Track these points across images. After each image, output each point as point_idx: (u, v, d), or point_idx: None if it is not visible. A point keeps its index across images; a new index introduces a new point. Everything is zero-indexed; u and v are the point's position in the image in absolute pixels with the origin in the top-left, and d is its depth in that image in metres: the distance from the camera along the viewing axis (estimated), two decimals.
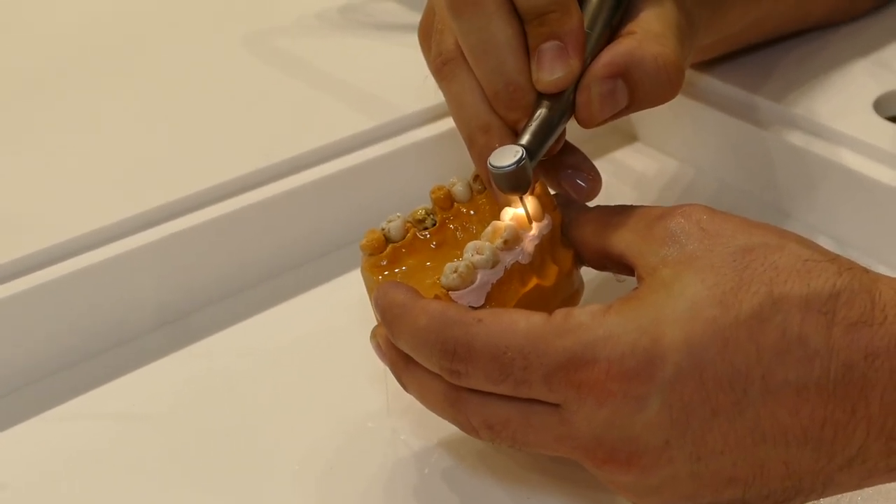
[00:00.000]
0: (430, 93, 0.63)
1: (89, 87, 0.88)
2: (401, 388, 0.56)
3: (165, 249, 0.71)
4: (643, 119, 0.86)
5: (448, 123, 0.78)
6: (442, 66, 0.59)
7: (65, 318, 0.69)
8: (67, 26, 0.98)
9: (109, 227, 0.70)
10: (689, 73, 0.81)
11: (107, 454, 0.62)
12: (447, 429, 0.58)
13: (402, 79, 0.83)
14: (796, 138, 0.76)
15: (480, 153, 0.57)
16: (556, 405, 0.50)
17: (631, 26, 0.59)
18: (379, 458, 0.61)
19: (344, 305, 0.70)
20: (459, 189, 0.59)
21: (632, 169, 0.84)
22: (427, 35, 0.61)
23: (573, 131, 0.58)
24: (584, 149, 0.62)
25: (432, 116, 0.81)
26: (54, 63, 0.92)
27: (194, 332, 0.71)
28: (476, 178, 0.59)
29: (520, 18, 0.57)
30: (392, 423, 0.62)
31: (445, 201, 0.59)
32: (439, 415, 0.54)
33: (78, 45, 0.95)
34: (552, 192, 0.59)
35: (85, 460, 0.62)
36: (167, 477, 0.61)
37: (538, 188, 0.57)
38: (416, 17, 0.65)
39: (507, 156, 0.55)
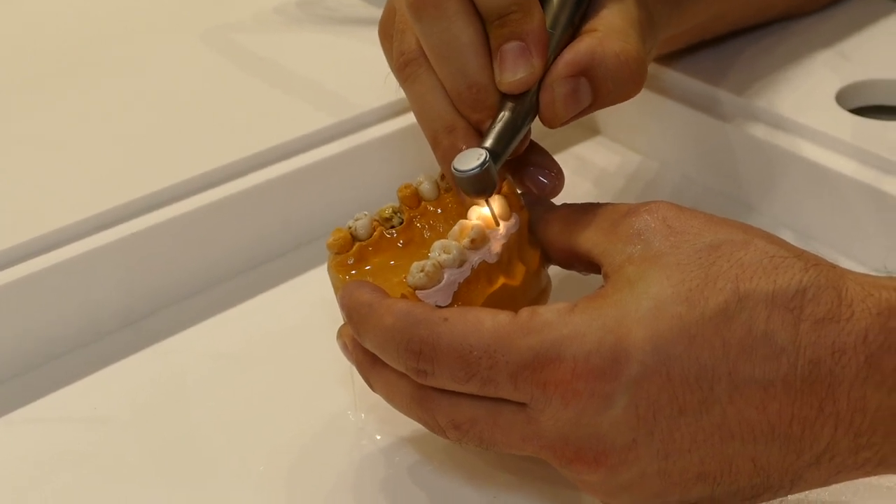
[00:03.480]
0: (393, 89, 0.62)
1: (46, 86, 0.87)
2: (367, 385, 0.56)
3: (126, 249, 0.70)
4: (605, 112, 0.85)
5: (412, 118, 0.78)
6: (404, 67, 0.58)
7: (24, 321, 0.68)
8: (24, 27, 0.97)
9: (69, 227, 0.70)
10: (652, 67, 0.81)
11: (69, 457, 0.61)
12: (414, 427, 0.58)
13: (363, 73, 0.83)
14: (759, 131, 0.76)
15: (445, 154, 0.56)
16: (523, 404, 0.50)
17: (592, 23, 0.59)
18: (345, 457, 0.60)
19: (309, 303, 0.70)
20: (426, 187, 0.59)
21: (594, 163, 0.84)
22: (388, 34, 0.61)
23: (535, 125, 0.58)
24: (546, 143, 0.61)
25: (395, 111, 0.80)
26: (8, 63, 0.91)
27: (157, 332, 0.70)
28: (443, 176, 0.59)
29: (481, 19, 0.56)
30: (359, 421, 0.62)
31: (412, 199, 0.58)
32: (406, 415, 0.54)
33: (32, 45, 0.94)
34: (519, 191, 0.59)
35: (47, 463, 0.61)
36: (130, 479, 0.60)
37: (505, 187, 0.56)
38: (375, 12, 0.64)
39: (470, 159, 0.54)
